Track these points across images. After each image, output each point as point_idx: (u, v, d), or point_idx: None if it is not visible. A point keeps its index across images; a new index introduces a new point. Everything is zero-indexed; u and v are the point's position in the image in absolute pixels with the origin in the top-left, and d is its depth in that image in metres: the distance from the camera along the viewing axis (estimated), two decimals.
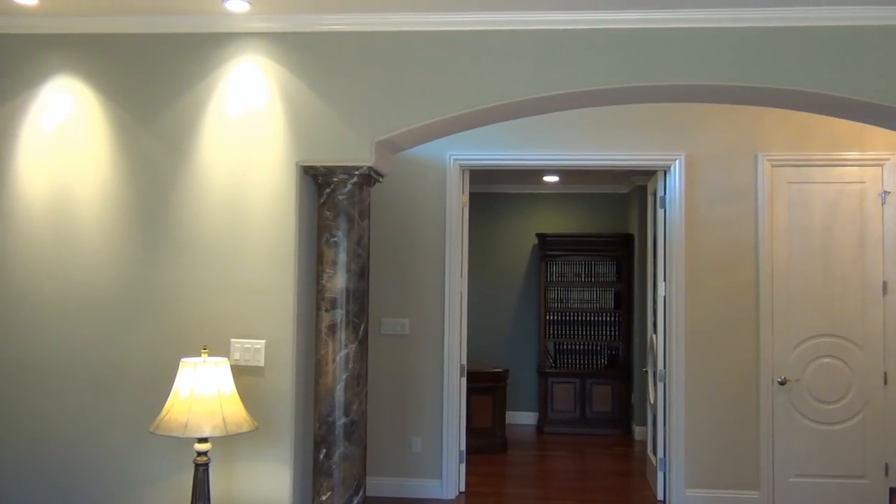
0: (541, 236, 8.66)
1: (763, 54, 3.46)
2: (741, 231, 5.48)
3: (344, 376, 3.58)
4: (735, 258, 5.47)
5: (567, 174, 8.01)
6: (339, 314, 3.58)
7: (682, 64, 3.50)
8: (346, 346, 3.59)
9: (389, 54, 3.62)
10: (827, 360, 5.40)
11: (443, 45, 3.60)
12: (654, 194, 5.96)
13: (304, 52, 3.64)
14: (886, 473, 5.31)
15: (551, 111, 4.05)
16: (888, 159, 5.37)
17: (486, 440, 7.21)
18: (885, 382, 5.34)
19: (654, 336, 6.05)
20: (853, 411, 5.37)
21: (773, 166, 5.46)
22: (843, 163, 5.42)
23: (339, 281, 3.59)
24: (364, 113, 3.61)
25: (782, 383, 5.37)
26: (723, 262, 5.48)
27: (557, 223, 8.91)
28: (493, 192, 8.87)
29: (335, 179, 3.62)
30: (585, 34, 3.53)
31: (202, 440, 3.26)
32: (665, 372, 5.62)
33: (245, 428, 3.27)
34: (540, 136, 5.59)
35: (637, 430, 7.98)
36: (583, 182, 8.62)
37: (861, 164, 5.41)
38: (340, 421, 3.57)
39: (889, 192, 5.36)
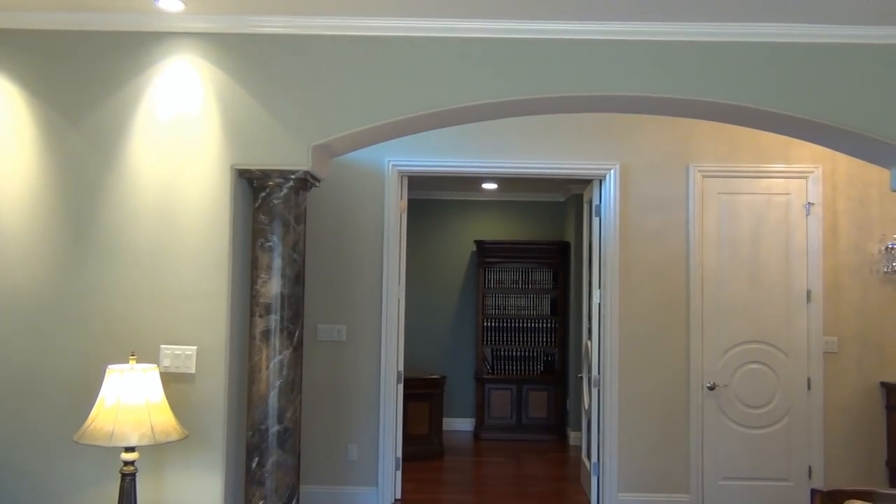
0: (479, 243, 8.71)
1: (694, 67, 3.55)
2: (673, 240, 5.60)
3: (278, 383, 3.52)
4: (667, 266, 5.59)
5: (505, 182, 8.08)
6: (274, 320, 3.53)
7: (617, 75, 3.57)
8: (280, 352, 3.53)
9: (327, 58, 3.59)
10: (754, 366, 5.56)
11: (382, 50, 3.59)
12: (590, 203, 6.06)
13: (240, 54, 3.59)
14: (810, 476, 5.48)
15: (489, 119, 4.09)
16: (812, 172, 5.57)
17: (422, 447, 7.20)
18: (809, 388, 5.53)
19: (588, 342, 6.14)
20: (778, 416, 5.54)
21: (703, 177, 5.60)
22: (769, 175, 5.59)
23: (273, 286, 3.54)
24: (301, 116, 3.58)
25: (711, 388, 5.51)
26: (655, 270, 5.60)
27: (495, 230, 8.98)
28: (431, 199, 8.88)
29: (271, 183, 3.56)
30: (520, 43, 3.57)
31: (129, 449, 3.17)
32: (599, 378, 5.70)
33: (174, 436, 3.19)
34: (479, 143, 5.63)
35: (572, 436, 8.07)
36: (521, 190, 8.71)
37: (787, 176, 5.59)
38: (274, 428, 3.52)
39: (813, 204, 5.55)
